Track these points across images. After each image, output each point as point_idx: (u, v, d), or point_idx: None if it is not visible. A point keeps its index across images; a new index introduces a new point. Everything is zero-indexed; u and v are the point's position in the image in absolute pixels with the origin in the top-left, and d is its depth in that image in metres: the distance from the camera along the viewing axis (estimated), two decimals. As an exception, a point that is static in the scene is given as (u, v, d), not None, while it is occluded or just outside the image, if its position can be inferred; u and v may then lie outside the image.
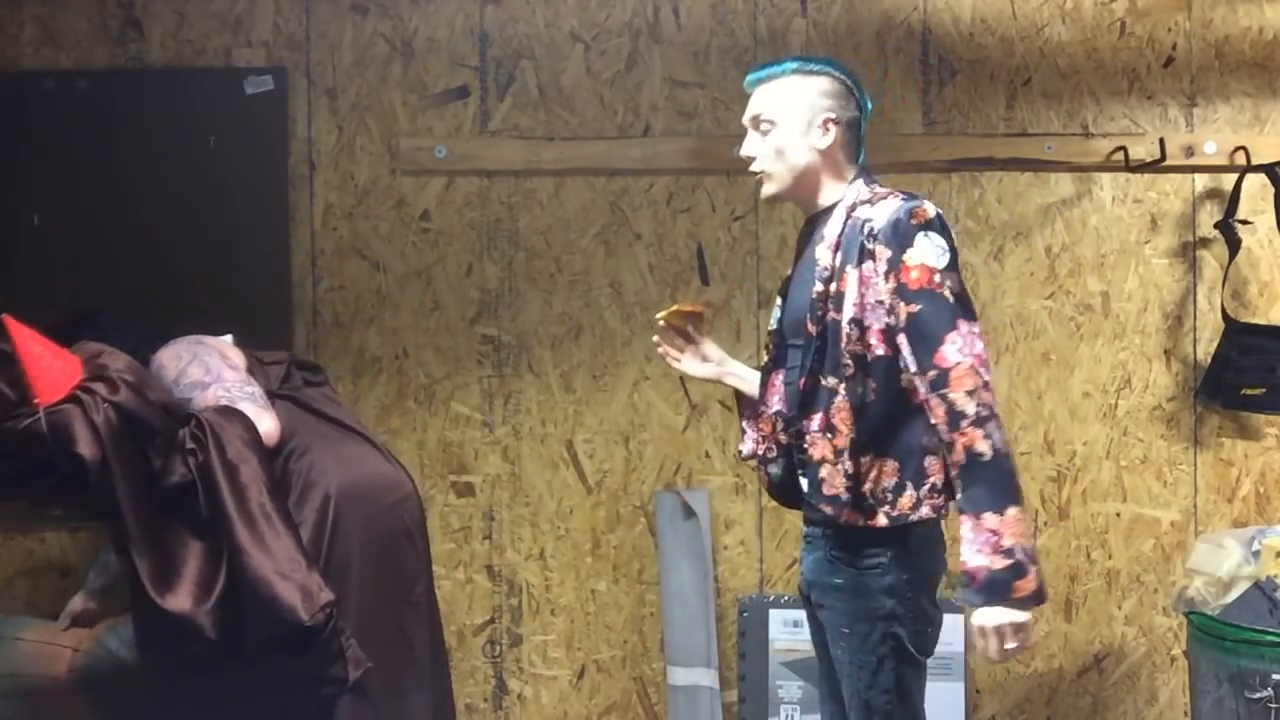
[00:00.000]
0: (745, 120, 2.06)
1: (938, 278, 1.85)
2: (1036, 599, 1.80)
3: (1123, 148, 3.01)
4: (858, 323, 1.89)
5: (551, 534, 3.07)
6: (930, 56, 3.07)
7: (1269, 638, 2.47)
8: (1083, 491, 3.08)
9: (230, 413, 2.20)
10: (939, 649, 2.96)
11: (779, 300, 2.16)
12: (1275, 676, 2.44)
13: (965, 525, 1.82)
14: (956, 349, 1.82)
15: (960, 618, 2.99)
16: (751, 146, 2.05)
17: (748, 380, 2.24)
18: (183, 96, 3.00)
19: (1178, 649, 3.06)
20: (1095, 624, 3.08)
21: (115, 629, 2.68)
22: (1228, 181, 3.03)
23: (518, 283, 3.07)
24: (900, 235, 1.87)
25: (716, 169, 3.04)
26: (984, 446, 1.79)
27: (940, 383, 1.82)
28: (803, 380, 1.94)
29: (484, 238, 3.07)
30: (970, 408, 1.80)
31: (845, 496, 1.90)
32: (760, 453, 2.14)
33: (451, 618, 3.06)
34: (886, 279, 1.87)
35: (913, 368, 1.86)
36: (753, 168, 2.05)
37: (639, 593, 3.08)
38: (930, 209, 1.90)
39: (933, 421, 1.85)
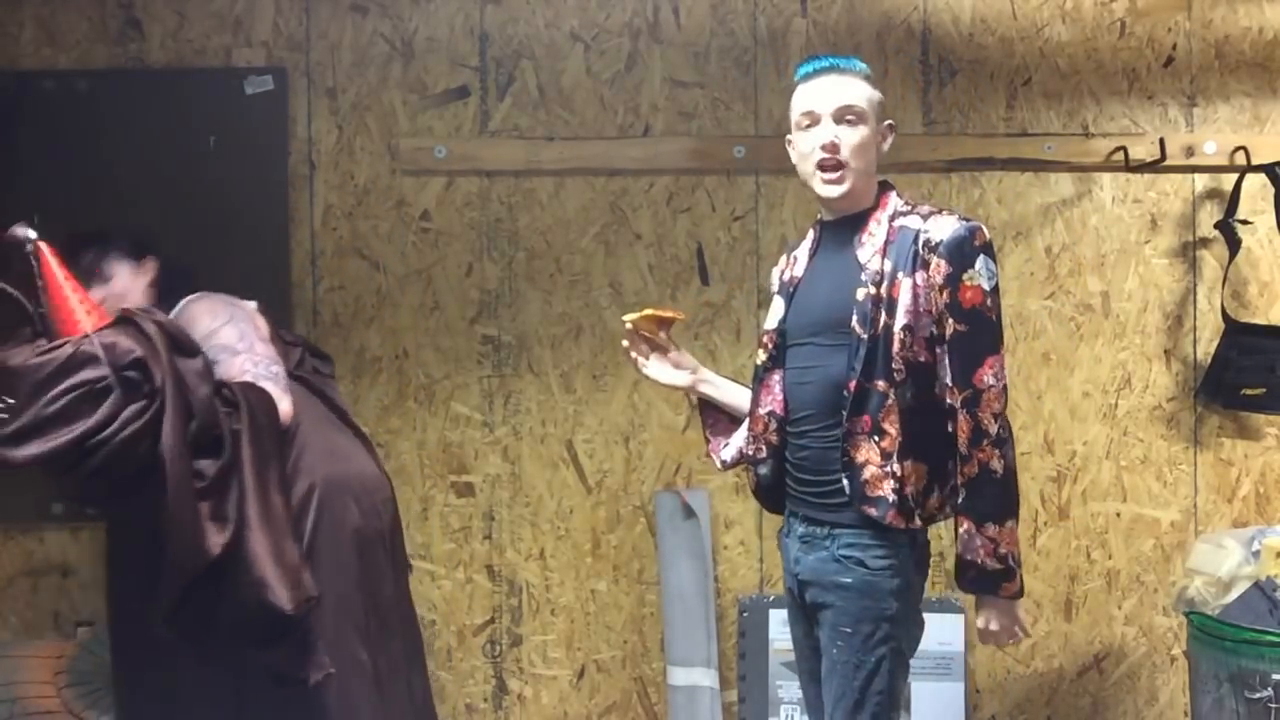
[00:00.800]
0: (823, 108, 2.01)
1: (988, 301, 1.95)
2: (1018, 596, 1.98)
3: (1123, 148, 3.01)
4: (910, 329, 1.95)
5: (551, 534, 3.07)
6: (930, 56, 3.07)
7: (1269, 638, 2.47)
8: (1083, 491, 3.08)
9: (258, 390, 2.17)
10: (939, 649, 3.01)
11: (780, 300, 2.15)
12: (1275, 676, 2.44)
13: (964, 527, 1.95)
14: (993, 373, 1.94)
15: (960, 618, 3.00)
16: (842, 134, 2.00)
17: (722, 390, 2.26)
18: (183, 96, 3.00)
19: (1178, 649, 3.06)
20: (1095, 624, 3.08)
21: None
22: (1228, 181, 3.03)
23: (518, 283, 3.07)
24: (964, 254, 1.94)
25: (716, 169, 3.04)
26: (998, 465, 1.93)
27: (973, 402, 1.93)
28: (852, 383, 1.96)
29: (484, 238, 3.07)
30: (993, 429, 1.93)
31: (893, 499, 1.94)
32: (750, 453, 2.15)
33: (451, 618, 3.06)
34: (941, 292, 1.94)
35: (948, 382, 1.95)
36: (841, 157, 2.00)
37: (639, 593, 3.08)
38: (987, 232, 1.99)
39: (953, 431, 1.95)
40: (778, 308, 2.15)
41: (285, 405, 2.21)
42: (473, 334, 3.07)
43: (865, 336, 1.95)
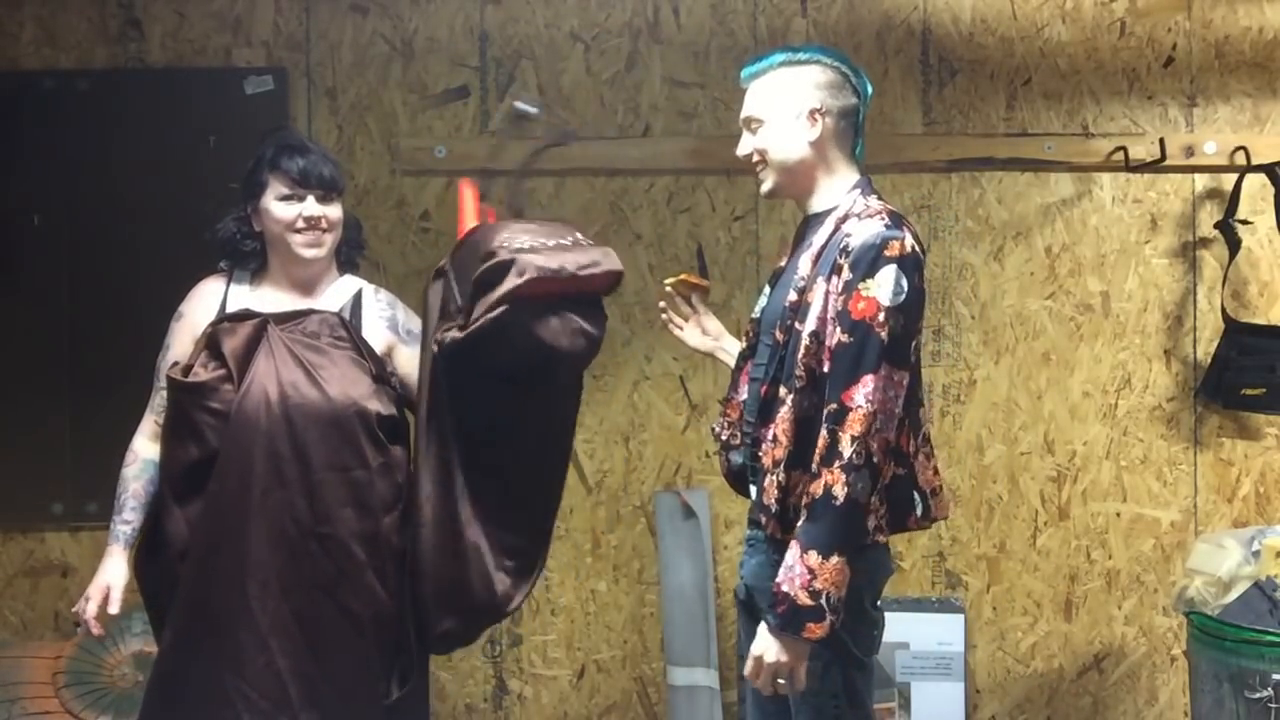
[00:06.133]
0: (741, 121, 2.05)
1: (882, 316, 1.80)
2: (823, 643, 1.82)
3: (1123, 148, 3.01)
4: (816, 336, 1.87)
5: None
6: (930, 56, 3.07)
7: (1269, 638, 2.47)
8: (1083, 491, 3.08)
9: None
10: (938, 649, 3.01)
11: (766, 289, 2.13)
12: (1275, 676, 2.44)
13: (792, 551, 1.81)
14: (865, 393, 1.79)
15: (960, 617, 3.00)
16: (744, 146, 2.04)
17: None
18: (183, 96, 3.00)
19: (1178, 649, 3.06)
20: (1095, 624, 3.08)
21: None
22: (1228, 181, 3.03)
23: (518, 283, 3.06)
24: (868, 262, 1.82)
25: (716, 169, 3.04)
26: (840, 491, 1.78)
27: (835, 419, 1.80)
28: (764, 387, 1.94)
29: (484, 238, 3.06)
30: (847, 451, 1.78)
31: (775, 508, 1.88)
32: (725, 438, 2.11)
33: (451, 618, 3.06)
34: (837, 299, 1.85)
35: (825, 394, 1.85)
36: (754, 160, 2.03)
37: (639, 593, 3.08)
38: (908, 243, 1.85)
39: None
40: (764, 297, 2.12)
41: None
42: (473, 334, 3.06)
43: (781, 341, 1.92)
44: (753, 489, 1.97)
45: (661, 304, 2.30)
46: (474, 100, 3.06)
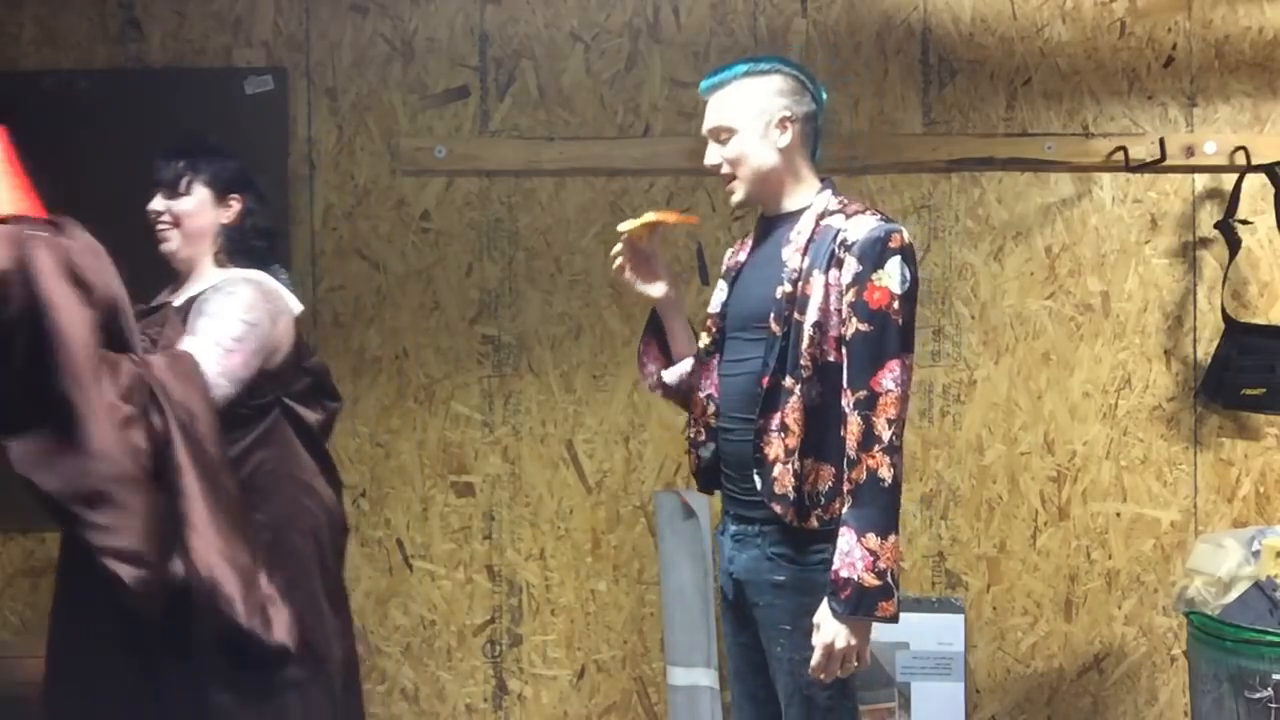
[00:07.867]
0: (705, 131, 2.09)
1: (896, 304, 1.91)
2: (894, 619, 1.90)
3: (1123, 148, 3.01)
4: (819, 326, 1.94)
5: (551, 534, 3.07)
6: (930, 56, 3.07)
7: (1269, 638, 2.47)
8: (1083, 491, 3.08)
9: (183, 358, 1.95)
10: (938, 649, 3.01)
11: (723, 284, 2.16)
12: (1275, 676, 2.44)
13: (845, 538, 1.88)
14: (893, 377, 1.89)
15: (960, 618, 3.00)
16: (714, 156, 2.08)
17: (677, 329, 2.24)
18: (183, 96, 3.00)
19: (1178, 649, 3.06)
20: (1095, 624, 3.08)
21: None
22: (1228, 181, 3.03)
23: (518, 283, 3.07)
24: (875, 254, 1.92)
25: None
26: (886, 474, 1.87)
27: (867, 404, 1.88)
28: (765, 380, 1.97)
29: (484, 238, 3.07)
30: (886, 434, 1.87)
31: (792, 496, 1.94)
32: (691, 435, 2.17)
33: (451, 618, 3.06)
34: (848, 291, 1.92)
35: (844, 383, 1.92)
36: (724, 173, 2.08)
37: (639, 593, 3.08)
38: (905, 236, 1.95)
39: (844, 434, 1.91)
40: (720, 291, 2.16)
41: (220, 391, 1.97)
42: (473, 334, 3.07)
43: (780, 333, 1.97)
44: (758, 481, 1.98)
45: (617, 248, 2.19)
46: (474, 100, 3.06)
